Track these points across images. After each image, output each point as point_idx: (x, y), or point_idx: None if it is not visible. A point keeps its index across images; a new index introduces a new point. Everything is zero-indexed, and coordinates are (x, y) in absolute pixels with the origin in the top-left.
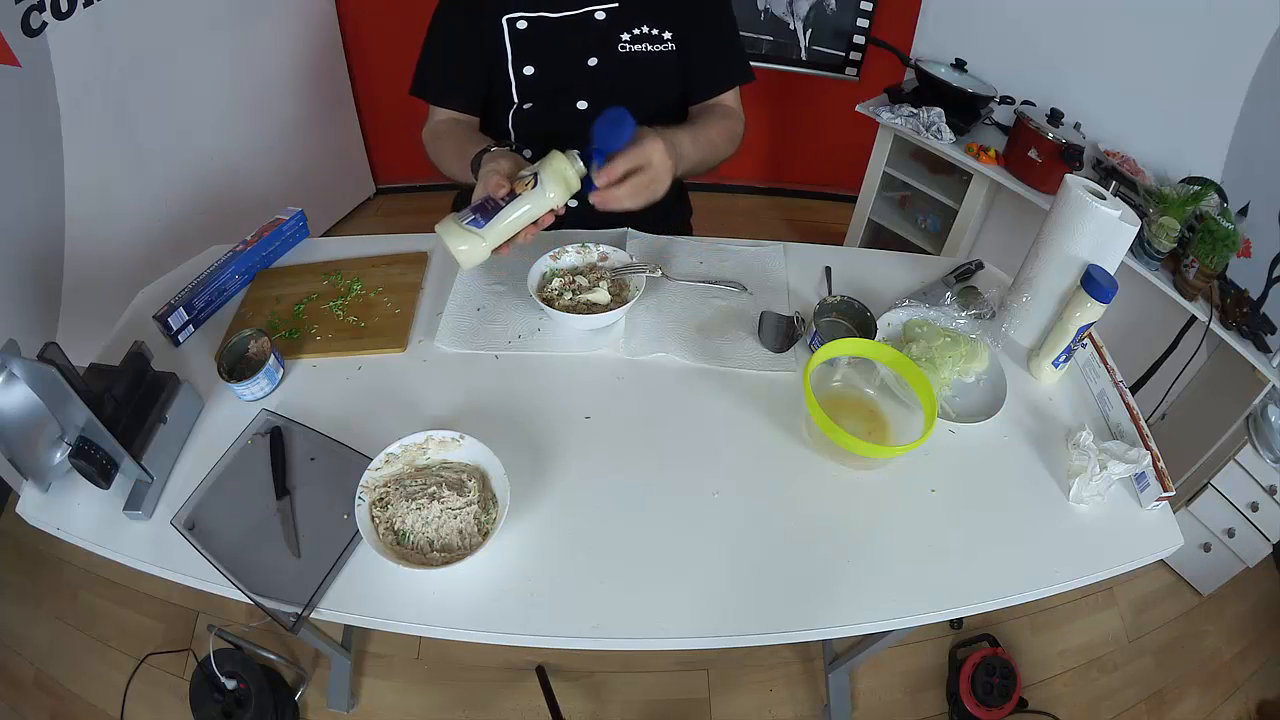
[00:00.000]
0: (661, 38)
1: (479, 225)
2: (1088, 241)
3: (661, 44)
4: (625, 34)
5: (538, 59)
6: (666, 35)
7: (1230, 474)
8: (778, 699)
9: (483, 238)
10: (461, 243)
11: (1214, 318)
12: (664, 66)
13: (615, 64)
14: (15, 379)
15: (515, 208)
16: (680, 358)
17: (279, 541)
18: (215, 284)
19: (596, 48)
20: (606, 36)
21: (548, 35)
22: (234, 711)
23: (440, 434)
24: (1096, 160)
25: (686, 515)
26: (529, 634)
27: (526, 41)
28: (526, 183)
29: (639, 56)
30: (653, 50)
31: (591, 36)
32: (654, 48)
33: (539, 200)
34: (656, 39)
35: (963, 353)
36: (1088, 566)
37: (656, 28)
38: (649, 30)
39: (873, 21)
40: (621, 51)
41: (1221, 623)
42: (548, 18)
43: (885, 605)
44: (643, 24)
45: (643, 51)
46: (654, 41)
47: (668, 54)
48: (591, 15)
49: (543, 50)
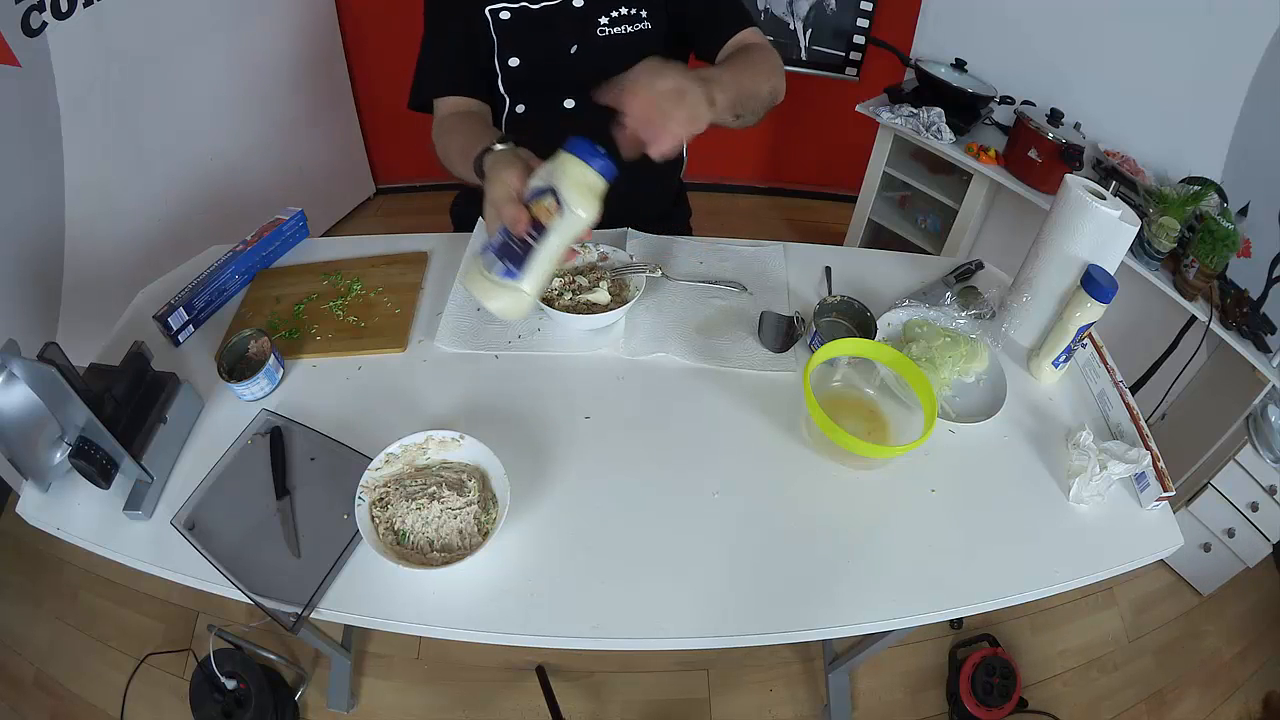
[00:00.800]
0: (639, 16)
1: (514, 276)
2: (1088, 241)
3: (639, 23)
4: (603, 17)
5: (521, 50)
6: (643, 14)
7: (1230, 474)
8: (778, 699)
9: (522, 289)
10: (498, 299)
11: (1214, 318)
12: (644, 46)
13: (596, 50)
14: (15, 379)
15: (547, 244)
16: (680, 358)
17: (279, 541)
18: (215, 284)
19: (576, 35)
20: (585, 23)
21: (529, 25)
22: (234, 711)
23: (440, 434)
24: (1096, 160)
25: (686, 515)
26: (529, 634)
27: (510, 32)
28: (547, 206)
29: (618, 39)
30: (631, 31)
31: (571, 24)
32: (632, 28)
33: (570, 224)
34: (634, 19)
35: (963, 353)
36: (1088, 566)
37: (633, 7)
38: (626, 11)
39: (873, 21)
40: (601, 36)
41: (1221, 623)
42: (529, 8)
43: (885, 605)
44: (619, 6)
45: (622, 34)
46: (632, 21)
47: (646, 33)
48: (569, 3)
49: (526, 40)
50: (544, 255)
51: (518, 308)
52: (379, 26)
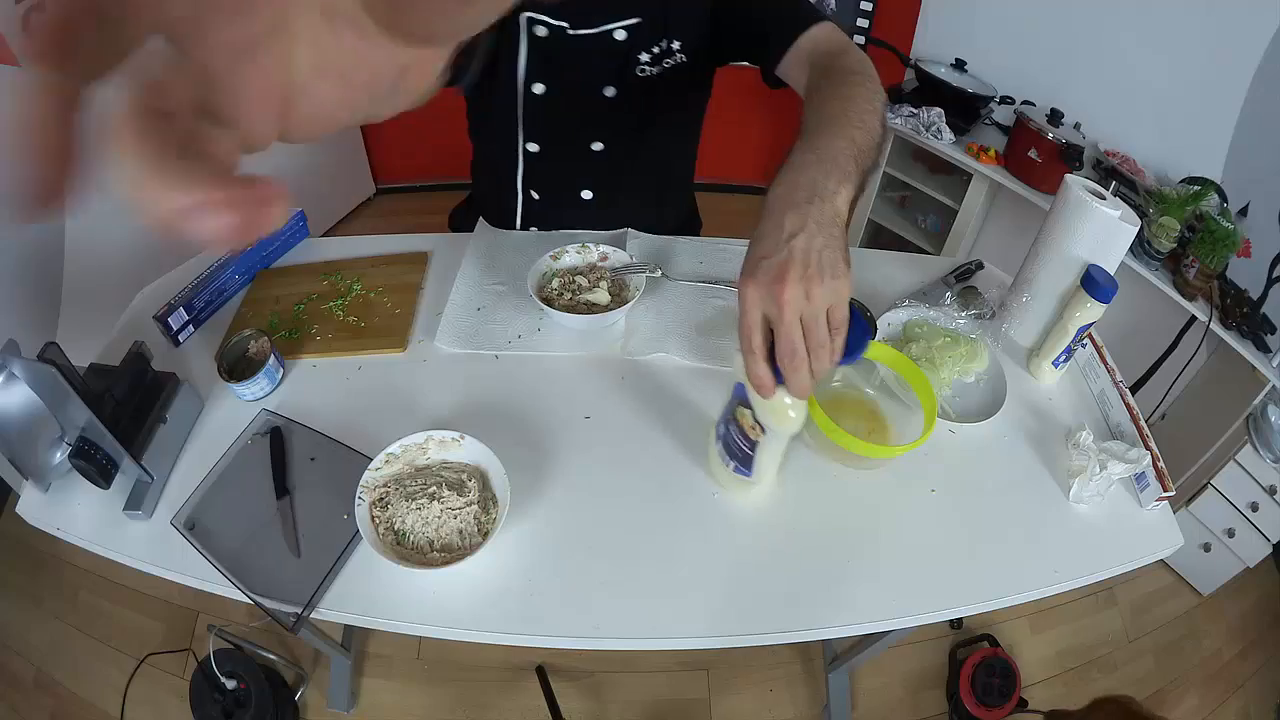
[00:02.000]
0: (672, 49)
1: (747, 475)
2: (1088, 241)
3: (675, 56)
4: (644, 54)
5: (550, 77)
6: (676, 45)
7: (1230, 474)
8: (778, 699)
9: (759, 485)
10: (739, 490)
11: (1214, 318)
12: (677, 83)
13: (634, 94)
14: (15, 379)
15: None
16: (680, 358)
17: (279, 541)
18: (215, 284)
19: (613, 76)
20: (625, 61)
21: (564, 52)
22: (234, 712)
23: (440, 434)
24: (1096, 160)
25: (687, 515)
26: (529, 634)
27: (542, 53)
28: (751, 425)
29: (657, 81)
30: (668, 66)
31: (609, 61)
32: (669, 62)
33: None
34: (670, 52)
35: (963, 353)
36: (1088, 566)
37: (670, 40)
38: (666, 45)
39: (873, 21)
40: (640, 76)
41: (1221, 623)
42: (566, 31)
43: (885, 605)
44: (660, 40)
45: (659, 73)
46: (669, 55)
47: (680, 67)
48: (610, 35)
49: (557, 69)
50: (765, 462)
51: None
52: None
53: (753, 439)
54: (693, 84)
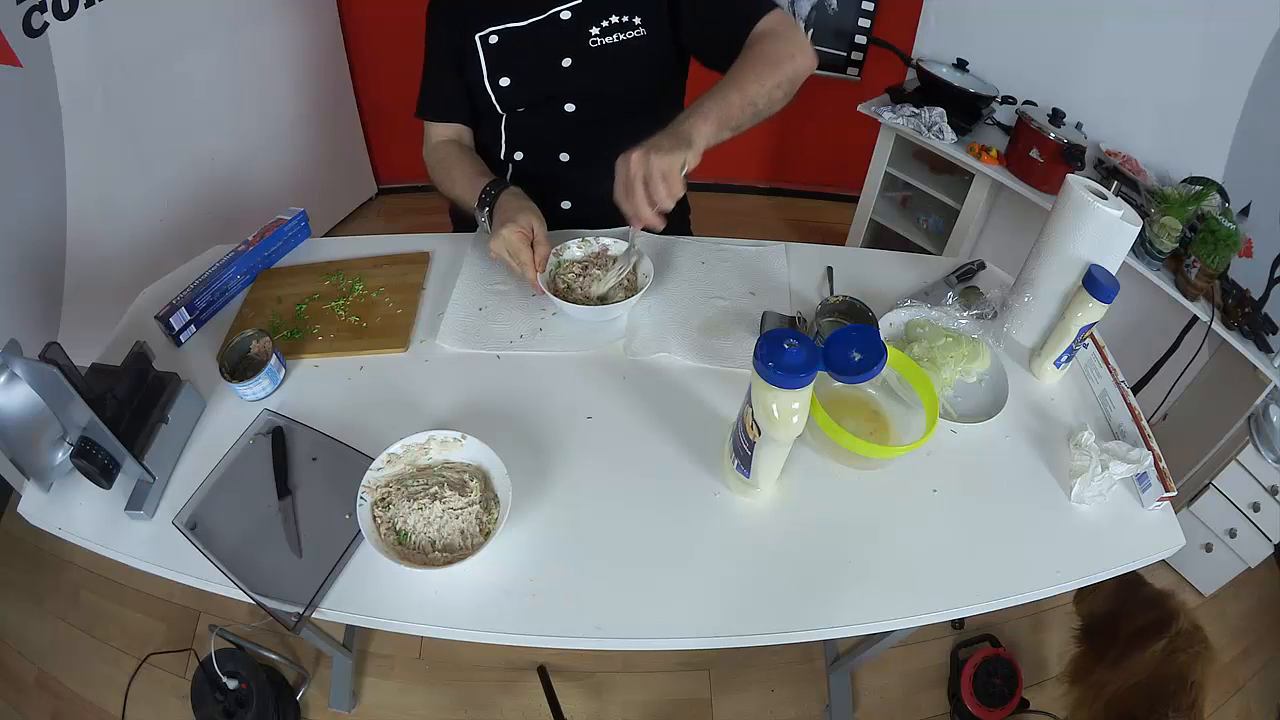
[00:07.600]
0: (632, 24)
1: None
2: (1089, 241)
3: (633, 30)
4: (594, 28)
5: (512, 69)
6: (636, 20)
7: (1232, 474)
8: (779, 699)
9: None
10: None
11: (1216, 318)
12: (639, 55)
13: (589, 61)
14: (17, 379)
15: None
16: (682, 358)
17: (281, 541)
18: (217, 284)
19: (569, 48)
20: (576, 35)
21: (518, 44)
22: (235, 711)
23: (442, 434)
24: (1098, 160)
25: (688, 515)
26: (531, 634)
27: (499, 54)
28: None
29: (612, 49)
30: (625, 39)
31: (561, 37)
32: (625, 36)
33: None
34: (627, 26)
35: (964, 353)
36: (1089, 567)
37: (625, 15)
38: (618, 19)
39: (874, 21)
40: (593, 47)
41: (1222, 623)
42: (515, 27)
43: (886, 605)
44: (610, 15)
45: (615, 43)
46: (624, 29)
47: (640, 40)
48: (557, 16)
49: (515, 60)
50: (762, 464)
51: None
52: (380, 26)
53: (751, 439)
54: (661, 59)
